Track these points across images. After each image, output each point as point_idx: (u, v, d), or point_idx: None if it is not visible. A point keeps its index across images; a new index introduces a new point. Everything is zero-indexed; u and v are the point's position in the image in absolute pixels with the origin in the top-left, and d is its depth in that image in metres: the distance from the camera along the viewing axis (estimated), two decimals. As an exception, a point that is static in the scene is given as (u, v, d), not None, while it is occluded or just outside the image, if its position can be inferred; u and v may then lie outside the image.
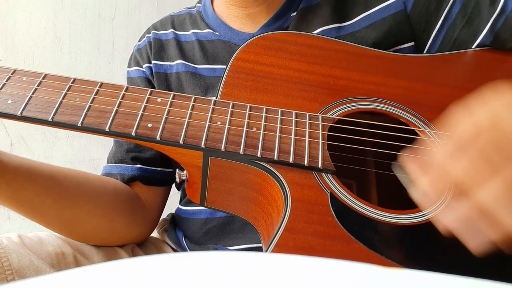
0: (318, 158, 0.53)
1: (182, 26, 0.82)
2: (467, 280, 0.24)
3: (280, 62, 0.63)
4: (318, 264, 0.25)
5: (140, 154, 0.78)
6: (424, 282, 0.24)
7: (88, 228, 0.70)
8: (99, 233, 0.72)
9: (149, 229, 0.81)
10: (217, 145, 0.53)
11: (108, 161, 0.81)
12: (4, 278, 0.61)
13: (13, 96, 0.53)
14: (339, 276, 0.24)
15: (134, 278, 0.23)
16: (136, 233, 0.78)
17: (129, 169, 0.78)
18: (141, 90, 0.57)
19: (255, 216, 0.57)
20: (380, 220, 0.50)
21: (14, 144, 1.61)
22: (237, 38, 0.76)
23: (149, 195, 0.79)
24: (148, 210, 0.79)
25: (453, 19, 0.67)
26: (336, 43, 0.65)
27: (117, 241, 0.75)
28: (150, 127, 0.53)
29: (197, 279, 0.23)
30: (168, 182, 0.83)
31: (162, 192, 0.82)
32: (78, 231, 0.70)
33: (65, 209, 0.66)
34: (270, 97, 0.59)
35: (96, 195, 0.70)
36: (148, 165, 0.79)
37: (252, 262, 0.25)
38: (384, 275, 0.24)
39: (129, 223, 0.74)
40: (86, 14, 1.63)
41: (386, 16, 0.71)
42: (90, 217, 0.69)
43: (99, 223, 0.70)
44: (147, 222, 0.79)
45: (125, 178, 0.77)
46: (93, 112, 0.53)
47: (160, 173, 0.80)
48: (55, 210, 0.65)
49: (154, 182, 0.80)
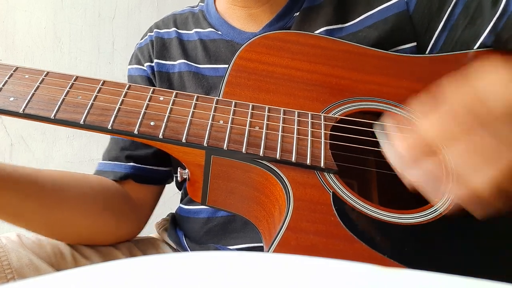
0: (320, 157, 0.53)
1: (184, 25, 0.82)
2: (467, 280, 0.24)
3: (283, 61, 0.63)
4: (318, 264, 0.25)
5: (134, 152, 0.78)
6: (424, 282, 0.23)
7: (75, 229, 0.69)
8: (86, 234, 0.71)
9: (139, 227, 0.81)
10: (220, 143, 0.53)
11: (103, 158, 0.81)
12: (3, 277, 0.60)
13: (15, 93, 0.53)
14: (339, 276, 0.24)
15: (134, 278, 0.23)
16: (125, 232, 0.78)
17: (123, 167, 0.78)
18: (144, 89, 0.57)
19: (257, 215, 0.57)
20: (382, 219, 0.50)
21: (14, 144, 1.61)
22: (239, 38, 0.76)
23: (140, 193, 0.79)
24: (139, 209, 0.79)
25: (455, 19, 0.67)
26: (339, 43, 0.65)
27: (106, 241, 0.75)
28: (153, 125, 0.53)
29: (197, 279, 0.23)
30: (162, 181, 0.83)
31: (154, 190, 0.82)
32: (64, 233, 0.69)
33: (50, 214, 0.65)
34: (272, 96, 0.59)
35: (82, 196, 0.69)
36: (142, 164, 0.79)
37: (252, 262, 0.25)
38: (384, 275, 0.24)
39: (118, 223, 0.74)
40: (86, 14, 1.63)
41: (388, 16, 0.71)
42: (76, 220, 0.68)
43: (86, 224, 0.70)
44: (137, 220, 0.79)
45: (117, 176, 0.77)
46: (95, 110, 0.53)
47: (154, 172, 0.80)
48: (40, 215, 0.64)
49: (147, 181, 0.80)
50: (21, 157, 1.61)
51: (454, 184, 0.45)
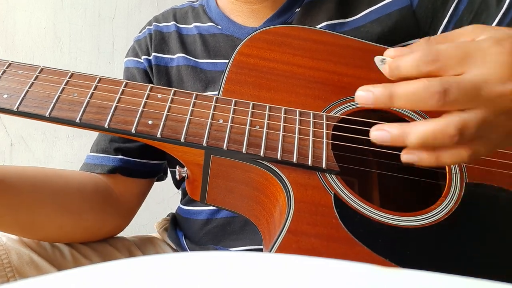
0: (322, 158, 0.52)
1: (184, 19, 0.82)
2: (467, 280, 0.23)
3: (284, 57, 0.61)
4: (318, 264, 0.25)
5: (123, 145, 0.77)
6: (424, 282, 0.23)
7: (52, 229, 0.66)
8: (65, 233, 0.68)
9: (125, 221, 0.79)
10: (219, 143, 0.52)
11: (91, 150, 0.79)
12: (4, 276, 0.60)
13: (9, 90, 0.52)
14: (339, 276, 0.23)
15: (134, 278, 0.23)
16: (111, 227, 0.76)
17: (111, 160, 0.76)
18: (141, 86, 0.55)
19: (257, 215, 0.56)
20: (384, 222, 0.49)
21: (14, 144, 1.61)
22: (239, 32, 0.75)
23: (128, 186, 0.78)
24: (124, 203, 0.77)
25: (459, 15, 0.67)
26: (341, 38, 0.64)
27: (90, 237, 0.73)
28: (151, 124, 0.52)
29: (197, 279, 0.23)
30: (150, 174, 0.81)
31: (142, 184, 0.80)
32: (40, 233, 0.66)
33: (20, 213, 0.62)
34: (273, 94, 0.58)
35: (56, 194, 0.66)
36: (130, 157, 0.77)
37: (252, 262, 0.24)
38: (384, 275, 0.23)
39: (100, 219, 0.72)
40: (86, 14, 1.63)
41: (391, 12, 0.70)
42: (52, 218, 0.65)
43: (64, 223, 0.67)
44: (122, 214, 0.77)
45: (105, 169, 0.75)
46: (91, 107, 0.52)
47: (143, 165, 0.79)
48: (10, 216, 0.61)
49: (135, 174, 0.78)
50: (21, 157, 1.61)
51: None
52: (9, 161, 1.61)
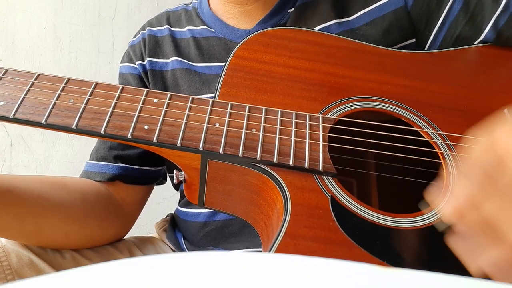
0: (318, 160, 0.52)
1: (177, 23, 0.81)
2: (467, 280, 0.24)
3: (280, 59, 0.61)
4: (318, 264, 0.25)
5: (122, 152, 0.77)
6: (424, 282, 0.23)
7: (58, 237, 0.67)
8: (70, 240, 0.69)
9: (126, 228, 0.80)
10: (216, 147, 0.52)
11: (91, 158, 0.79)
12: (3, 278, 0.60)
13: (5, 98, 0.52)
14: (339, 276, 0.24)
15: (134, 278, 0.23)
16: (112, 233, 0.76)
17: (110, 168, 0.76)
18: (137, 91, 0.55)
19: (254, 217, 0.56)
20: (382, 224, 0.49)
21: (14, 144, 1.61)
22: (232, 35, 0.75)
23: (128, 193, 0.78)
24: (126, 209, 0.77)
25: (455, 15, 0.66)
26: (337, 39, 0.64)
27: (93, 244, 0.73)
28: (147, 129, 0.52)
29: (197, 279, 0.23)
30: (150, 180, 0.82)
31: (143, 190, 0.81)
32: (47, 241, 0.67)
33: (27, 223, 0.62)
34: (269, 96, 0.58)
35: (61, 203, 0.66)
36: (130, 164, 0.77)
37: (251, 262, 0.25)
38: (384, 275, 0.24)
39: (102, 226, 0.72)
40: (86, 14, 1.63)
41: (386, 13, 0.70)
42: (57, 227, 0.66)
43: (68, 231, 0.67)
44: (124, 221, 0.78)
45: (105, 177, 0.75)
46: (88, 113, 0.52)
47: (143, 172, 0.79)
48: (16, 226, 0.61)
49: (136, 181, 0.78)
50: (21, 157, 1.61)
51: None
52: (9, 161, 1.61)
